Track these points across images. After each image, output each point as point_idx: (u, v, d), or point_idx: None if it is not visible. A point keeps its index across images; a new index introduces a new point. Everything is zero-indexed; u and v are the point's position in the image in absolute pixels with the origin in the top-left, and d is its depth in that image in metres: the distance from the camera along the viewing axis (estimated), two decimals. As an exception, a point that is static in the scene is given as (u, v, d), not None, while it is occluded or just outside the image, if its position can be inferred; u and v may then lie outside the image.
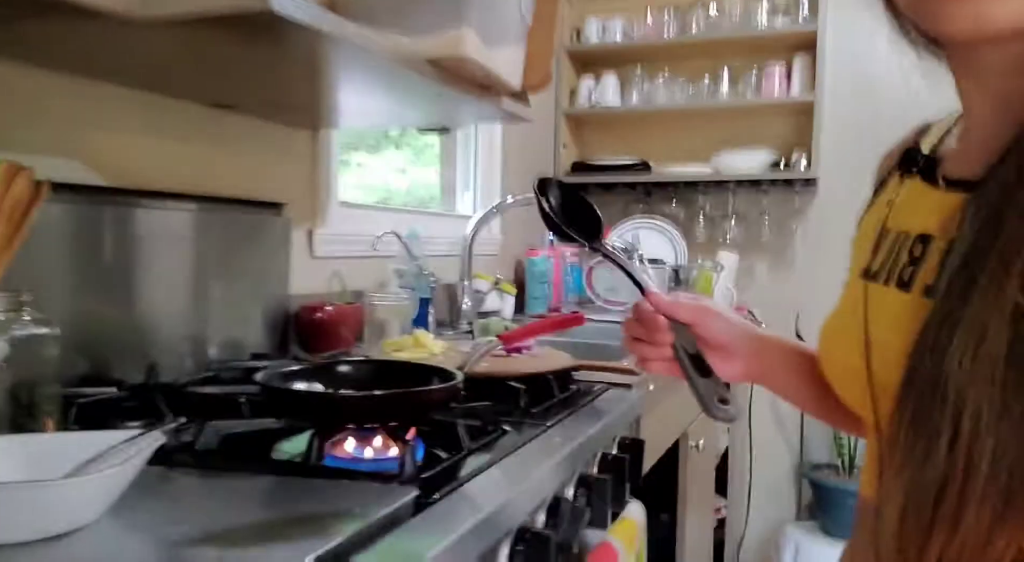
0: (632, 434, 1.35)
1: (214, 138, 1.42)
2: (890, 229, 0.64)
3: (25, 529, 0.61)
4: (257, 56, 0.99)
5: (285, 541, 0.62)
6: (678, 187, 3.12)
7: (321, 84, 1.18)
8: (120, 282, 1.18)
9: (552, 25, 1.30)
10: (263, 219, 1.47)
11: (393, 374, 1.04)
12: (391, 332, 1.63)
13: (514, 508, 0.81)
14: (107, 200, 1.17)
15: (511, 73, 1.27)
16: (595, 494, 1.08)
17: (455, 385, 0.95)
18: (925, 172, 0.64)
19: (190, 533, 0.63)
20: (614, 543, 1.08)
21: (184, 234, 1.29)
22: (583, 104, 3.11)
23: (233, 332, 1.40)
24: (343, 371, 1.04)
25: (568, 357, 1.37)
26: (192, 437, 0.88)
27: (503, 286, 2.23)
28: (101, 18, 0.81)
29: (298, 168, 1.67)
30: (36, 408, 0.81)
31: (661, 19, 3.02)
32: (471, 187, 2.58)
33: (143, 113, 1.27)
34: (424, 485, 0.77)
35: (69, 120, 1.16)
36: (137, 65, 1.07)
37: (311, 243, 1.70)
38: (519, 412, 1.12)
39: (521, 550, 0.83)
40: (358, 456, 0.89)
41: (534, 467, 0.89)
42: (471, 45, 1.09)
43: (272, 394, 0.93)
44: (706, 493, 2.34)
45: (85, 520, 0.64)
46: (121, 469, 0.64)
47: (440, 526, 0.70)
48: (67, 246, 1.09)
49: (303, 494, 0.74)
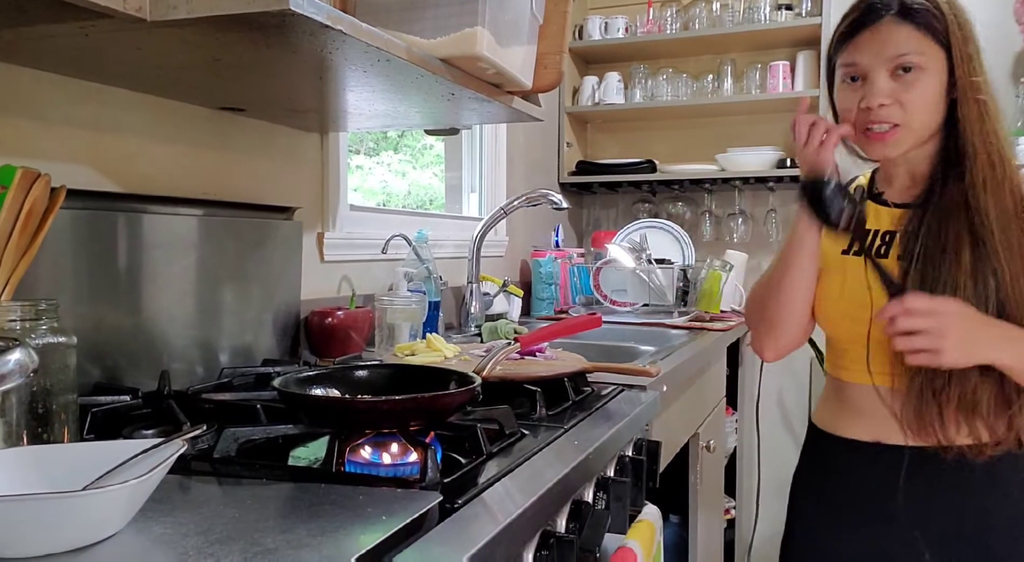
0: (646, 436, 1.34)
1: (223, 142, 1.41)
2: (875, 229, 1.17)
3: (46, 542, 0.60)
4: (270, 58, 0.98)
5: (313, 549, 0.61)
6: (684, 186, 3.11)
7: (333, 85, 1.17)
8: (131, 288, 1.17)
9: (564, 23, 1.29)
10: (274, 224, 1.46)
11: (410, 378, 1.03)
12: (401, 336, 1.62)
13: (536, 512, 0.80)
14: (118, 206, 1.16)
15: (523, 72, 1.26)
16: (613, 497, 1.07)
17: (474, 388, 0.94)
18: (875, 198, 1.20)
19: (216, 542, 0.62)
20: (633, 546, 1.07)
21: (195, 240, 1.28)
22: (586, 103, 3.10)
23: (245, 338, 1.39)
24: (360, 376, 1.03)
25: (583, 359, 1.36)
26: (209, 445, 0.87)
27: (511, 289, 2.22)
28: (114, 21, 0.80)
29: (307, 172, 1.66)
30: (53, 417, 0.80)
31: (663, 16, 3.01)
32: (477, 189, 2.57)
33: (153, 117, 1.26)
34: (446, 490, 0.76)
35: (80, 125, 1.15)
36: (148, 69, 1.06)
37: (321, 247, 1.69)
38: (536, 415, 1.11)
39: (546, 555, 0.82)
40: (376, 461, 0.88)
41: (554, 471, 0.89)
42: (485, 44, 1.08)
43: (290, 400, 0.92)
44: (717, 494, 2.33)
45: (107, 532, 0.63)
46: (143, 480, 0.63)
47: (467, 531, 0.69)
48: (78, 253, 1.08)
49: (325, 501, 0.73)
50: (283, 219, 1.50)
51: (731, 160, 2.90)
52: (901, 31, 1.05)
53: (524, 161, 2.78)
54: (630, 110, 3.08)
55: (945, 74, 1.06)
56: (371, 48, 0.94)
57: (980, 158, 1.06)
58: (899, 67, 1.06)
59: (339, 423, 0.88)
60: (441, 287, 1.88)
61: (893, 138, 1.08)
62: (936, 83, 1.06)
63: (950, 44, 1.05)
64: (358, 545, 0.62)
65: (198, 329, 1.29)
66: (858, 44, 1.09)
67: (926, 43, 1.05)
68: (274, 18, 0.80)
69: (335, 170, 1.72)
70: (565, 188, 3.12)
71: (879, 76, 1.07)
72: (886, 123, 1.07)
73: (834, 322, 1.21)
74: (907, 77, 1.06)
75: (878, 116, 1.07)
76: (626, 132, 3.29)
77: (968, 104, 1.06)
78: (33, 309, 0.80)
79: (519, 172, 2.72)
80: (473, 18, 1.07)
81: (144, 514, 0.66)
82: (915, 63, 1.05)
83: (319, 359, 1.54)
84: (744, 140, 2.96)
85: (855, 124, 1.11)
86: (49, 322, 0.81)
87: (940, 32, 1.05)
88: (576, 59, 3.17)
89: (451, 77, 1.13)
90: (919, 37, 1.05)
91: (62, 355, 0.81)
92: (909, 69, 1.05)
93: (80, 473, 0.68)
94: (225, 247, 1.34)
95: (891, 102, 1.06)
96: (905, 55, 1.05)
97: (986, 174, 1.06)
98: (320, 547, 0.62)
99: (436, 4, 1.08)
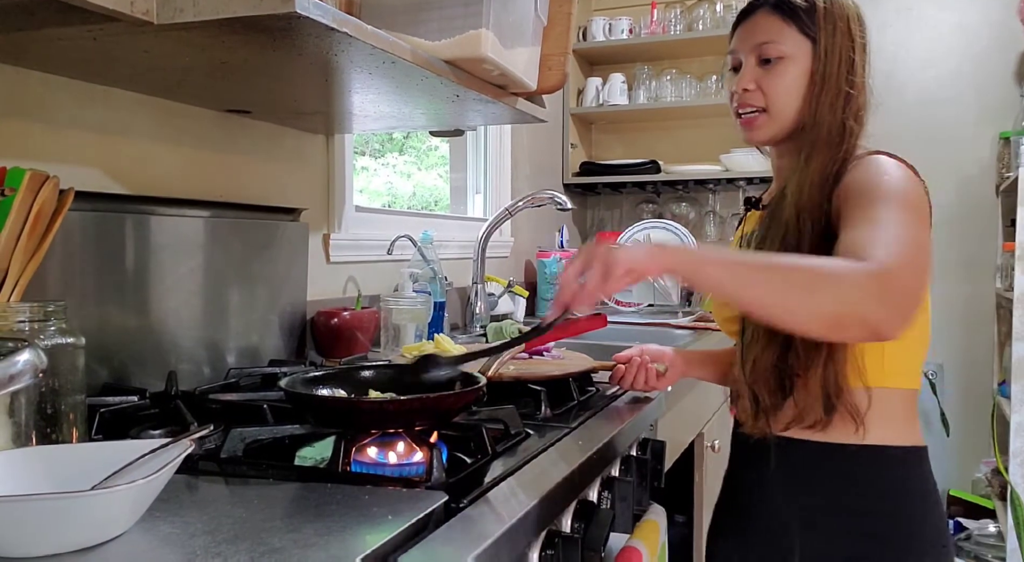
0: (651, 435, 1.34)
1: (230, 144, 1.42)
2: (743, 233, 1.21)
3: (55, 542, 0.60)
4: (276, 60, 0.99)
5: (319, 549, 0.62)
6: (688, 186, 3.11)
7: (338, 87, 1.17)
8: (138, 289, 1.17)
9: (567, 25, 1.30)
10: (280, 225, 1.47)
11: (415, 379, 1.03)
12: (407, 336, 1.63)
13: (542, 512, 0.80)
14: (125, 208, 1.17)
15: (527, 73, 1.26)
16: (618, 496, 1.07)
17: (479, 389, 0.95)
18: (755, 205, 1.23)
19: (224, 542, 0.62)
20: (638, 546, 1.07)
21: (202, 241, 1.29)
22: (591, 104, 3.10)
23: (251, 339, 1.40)
24: (366, 376, 1.04)
25: (588, 359, 1.36)
26: (216, 445, 0.88)
27: (516, 289, 2.22)
28: (121, 24, 0.81)
29: (313, 173, 1.67)
30: (61, 418, 0.81)
31: (667, 17, 3.01)
32: (482, 190, 2.57)
33: (160, 120, 1.27)
34: (452, 490, 0.76)
35: (87, 127, 1.15)
36: (155, 71, 1.07)
37: (327, 248, 1.70)
38: (540, 415, 1.11)
39: (551, 554, 0.82)
40: (382, 461, 0.88)
41: (559, 470, 0.89)
42: (490, 45, 1.08)
43: (297, 400, 0.93)
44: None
45: (115, 532, 0.63)
46: (151, 479, 0.63)
47: (473, 531, 0.69)
48: (86, 254, 1.09)
49: (331, 500, 0.74)
50: (289, 220, 1.51)
51: (735, 161, 2.90)
52: (768, 21, 1.10)
53: (528, 162, 2.78)
54: (634, 111, 3.08)
55: (810, 64, 1.08)
56: (376, 50, 0.94)
57: (807, 141, 1.07)
58: (762, 55, 1.10)
59: (346, 423, 0.88)
60: (446, 288, 1.88)
61: (756, 123, 1.12)
62: (799, 72, 1.08)
63: (818, 36, 1.07)
64: (364, 544, 0.62)
65: (205, 330, 1.29)
66: (737, 34, 1.14)
67: (790, 33, 1.08)
68: (280, 21, 0.81)
69: (341, 172, 1.72)
70: (569, 189, 3.12)
71: (748, 63, 1.11)
72: (751, 107, 1.11)
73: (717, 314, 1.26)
74: (771, 66, 1.09)
75: (743, 100, 1.12)
76: (630, 133, 3.29)
77: (824, 93, 1.07)
78: (42, 310, 0.81)
79: (524, 173, 2.73)
80: (477, 20, 1.07)
81: (151, 514, 0.67)
82: (778, 52, 1.08)
83: (325, 359, 1.55)
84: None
85: (733, 111, 1.16)
86: (58, 323, 0.82)
87: (807, 24, 1.07)
88: (580, 60, 3.17)
89: (456, 79, 1.13)
90: (783, 27, 1.08)
91: (70, 356, 0.82)
92: (772, 58, 1.09)
93: (88, 473, 0.68)
94: (232, 248, 1.34)
95: (754, 88, 1.10)
96: (768, 43, 1.09)
97: (806, 158, 1.06)
98: (326, 546, 0.62)
99: (441, 6, 1.08)
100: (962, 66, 3.01)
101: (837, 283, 0.82)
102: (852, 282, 0.82)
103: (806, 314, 0.84)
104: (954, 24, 3.01)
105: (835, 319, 0.83)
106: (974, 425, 3.02)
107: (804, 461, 1.07)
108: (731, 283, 0.86)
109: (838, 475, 1.05)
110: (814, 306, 0.83)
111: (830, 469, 1.06)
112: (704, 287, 0.97)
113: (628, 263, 0.86)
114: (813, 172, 1.05)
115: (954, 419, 3.00)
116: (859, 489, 1.04)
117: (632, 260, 0.87)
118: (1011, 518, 2.51)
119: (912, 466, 1.06)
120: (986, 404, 2.97)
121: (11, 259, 0.83)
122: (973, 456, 3.02)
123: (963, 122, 3.00)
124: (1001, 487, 2.72)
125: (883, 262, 0.83)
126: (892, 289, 0.82)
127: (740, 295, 0.87)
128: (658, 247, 0.89)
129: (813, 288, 0.83)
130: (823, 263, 0.86)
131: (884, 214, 0.92)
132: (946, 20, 3.02)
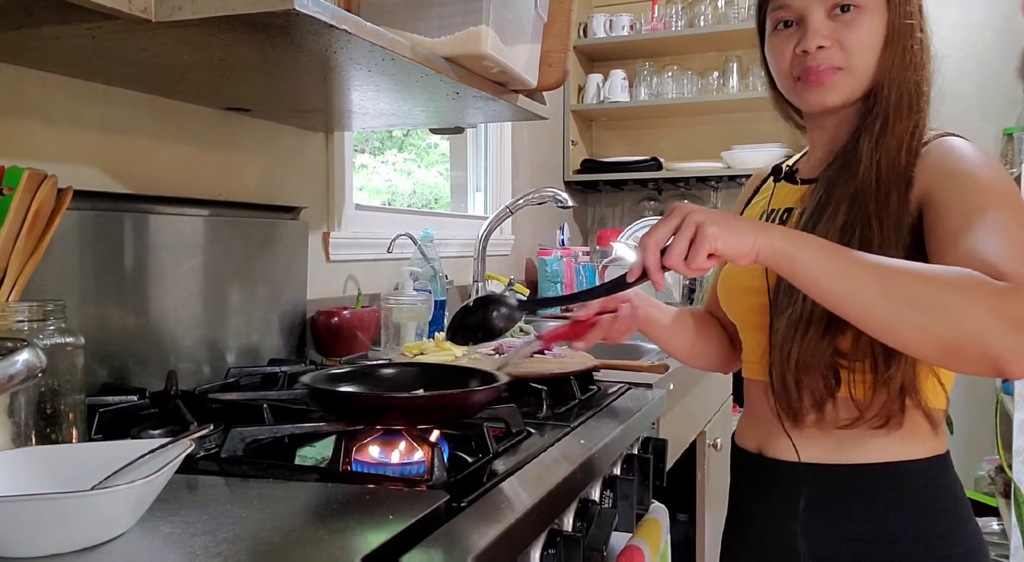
0: (653, 434, 1.34)
1: (229, 142, 1.42)
2: (772, 209, 1.06)
3: (55, 541, 0.60)
4: (275, 58, 0.98)
5: (320, 548, 0.61)
6: (689, 183, 3.10)
7: (337, 85, 1.17)
8: (138, 289, 1.17)
9: (568, 21, 1.29)
10: (280, 223, 1.46)
11: (434, 377, 1.05)
12: (407, 335, 1.62)
13: (543, 511, 0.80)
14: (124, 207, 1.16)
15: (528, 70, 1.26)
16: (620, 495, 1.07)
17: (501, 386, 0.95)
18: (788, 178, 1.08)
19: (224, 542, 0.62)
20: (640, 545, 1.07)
21: (201, 240, 1.28)
22: (591, 101, 3.10)
23: (251, 338, 1.39)
24: (387, 374, 1.05)
25: (590, 357, 1.35)
26: (216, 444, 0.87)
27: (517, 287, 2.22)
28: (120, 22, 0.80)
29: (313, 171, 1.66)
30: (61, 418, 0.81)
31: (668, 13, 3.01)
32: (482, 188, 2.57)
33: (159, 118, 1.27)
34: (453, 489, 0.76)
35: (86, 126, 1.15)
36: (154, 69, 1.06)
37: (327, 247, 1.69)
38: (542, 414, 1.11)
39: (553, 553, 0.82)
40: (383, 460, 0.88)
41: (560, 469, 0.88)
42: (490, 42, 1.08)
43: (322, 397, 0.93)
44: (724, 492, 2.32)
45: (115, 532, 0.63)
46: (151, 479, 0.63)
47: (475, 530, 0.69)
48: (85, 253, 1.08)
49: (332, 500, 0.73)
50: (289, 219, 1.50)
51: (737, 157, 2.89)
52: None
53: (529, 159, 2.78)
54: (635, 108, 3.08)
55: (885, 14, 0.95)
56: (376, 47, 0.94)
57: (882, 103, 0.94)
58: (837, 5, 0.94)
59: (372, 419, 0.88)
60: (447, 286, 1.88)
61: (831, 80, 0.95)
62: (877, 23, 0.95)
63: None
64: (365, 544, 0.62)
65: (205, 329, 1.29)
66: None
67: None
68: (279, 18, 0.81)
69: (340, 169, 1.72)
70: (570, 186, 3.12)
71: (815, 17, 0.95)
72: (830, 66, 0.95)
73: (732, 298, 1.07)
74: (846, 16, 0.94)
75: (816, 60, 0.95)
76: (631, 130, 3.29)
77: (893, 49, 0.95)
78: (41, 310, 0.80)
79: (524, 171, 2.72)
80: (477, 16, 1.06)
81: (152, 513, 0.67)
82: (855, 1, 0.94)
83: (325, 359, 1.55)
84: (750, 137, 2.95)
85: (788, 74, 0.99)
86: (57, 323, 0.81)
87: None
88: (581, 57, 3.17)
89: (456, 76, 1.13)
90: None
91: (70, 356, 0.82)
92: (848, 8, 0.94)
93: (88, 473, 0.68)
94: (231, 247, 1.34)
95: (831, 44, 0.94)
96: None
97: (883, 122, 0.93)
98: (327, 546, 0.62)
99: (440, 3, 1.08)
100: (965, 62, 3.00)
101: (968, 304, 0.70)
102: (988, 308, 0.69)
103: (918, 332, 0.72)
104: (957, 20, 3.00)
105: (954, 345, 0.71)
106: (978, 422, 3.01)
107: (827, 488, 0.95)
108: (833, 280, 0.74)
109: (865, 499, 0.94)
110: (932, 325, 0.71)
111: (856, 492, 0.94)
112: (797, 279, 0.77)
113: (719, 245, 0.76)
114: (891, 139, 0.92)
115: (958, 417, 2.99)
116: (893, 513, 0.94)
117: (726, 245, 0.76)
118: (1014, 515, 2.50)
119: (937, 477, 0.99)
120: (989, 401, 2.96)
121: (9, 258, 0.83)
122: (977, 454, 3.02)
123: (966, 118, 2.99)
124: (1005, 485, 2.72)
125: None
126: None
127: (838, 296, 0.75)
128: (760, 226, 0.78)
129: (934, 304, 0.71)
130: (949, 274, 0.73)
131: (1006, 219, 0.79)
132: (949, 16, 3.01)
